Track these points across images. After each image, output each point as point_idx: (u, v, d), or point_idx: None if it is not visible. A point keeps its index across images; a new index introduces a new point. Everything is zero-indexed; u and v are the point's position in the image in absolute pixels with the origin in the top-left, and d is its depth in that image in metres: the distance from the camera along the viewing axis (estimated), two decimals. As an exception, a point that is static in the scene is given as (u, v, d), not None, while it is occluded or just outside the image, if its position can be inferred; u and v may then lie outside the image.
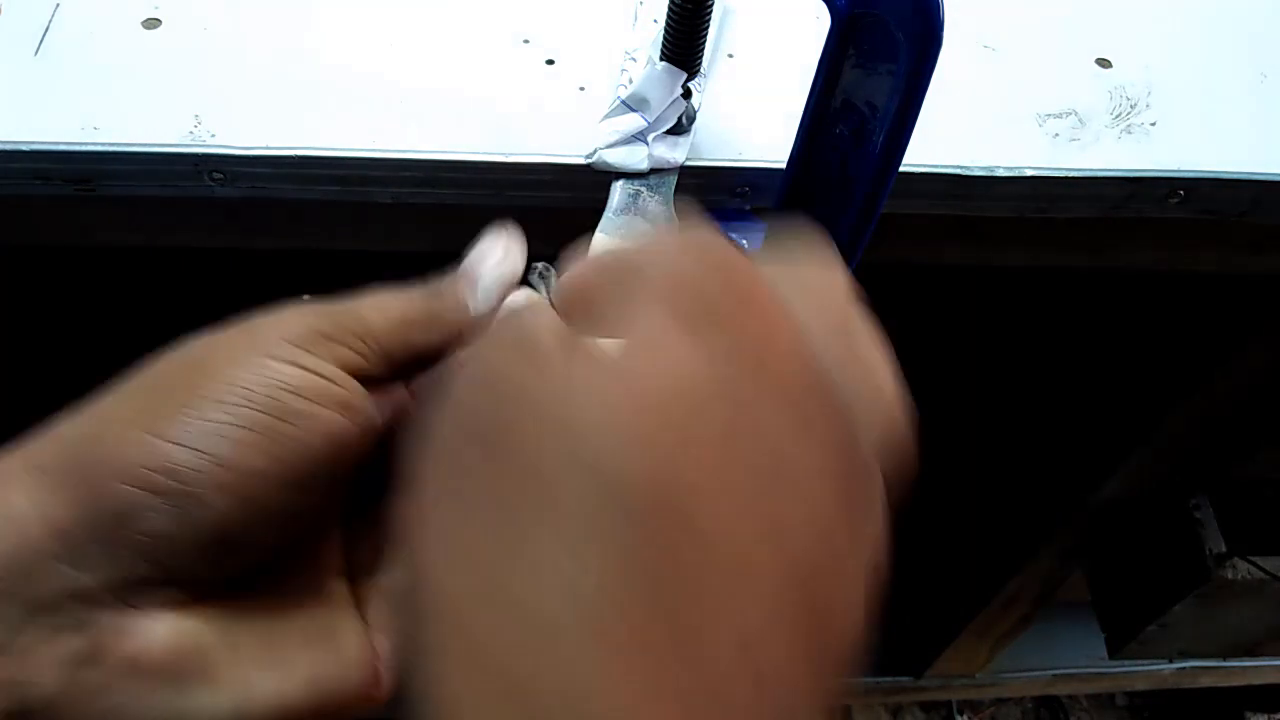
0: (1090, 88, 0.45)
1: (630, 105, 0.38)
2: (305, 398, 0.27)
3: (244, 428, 0.26)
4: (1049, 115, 0.43)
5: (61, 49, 0.40)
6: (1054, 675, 1.17)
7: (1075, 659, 1.15)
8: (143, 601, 0.25)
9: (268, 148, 0.38)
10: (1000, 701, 1.40)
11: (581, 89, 0.42)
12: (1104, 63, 0.46)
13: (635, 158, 0.39)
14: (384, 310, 0.29)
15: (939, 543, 1.04)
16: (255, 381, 0.26)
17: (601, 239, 0.37)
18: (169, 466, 0.25)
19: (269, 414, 0.26)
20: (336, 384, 0.27)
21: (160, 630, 0.25)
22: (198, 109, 0.39)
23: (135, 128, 0.38)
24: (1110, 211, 0.43)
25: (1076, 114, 0.43)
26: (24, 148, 0.37)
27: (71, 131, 0.37)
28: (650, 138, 0.39)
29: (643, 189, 0.39)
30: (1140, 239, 0.48)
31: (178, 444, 0.25)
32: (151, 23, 0.42)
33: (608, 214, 0.39)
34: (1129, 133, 0.43)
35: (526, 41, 0.43)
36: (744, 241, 0.41)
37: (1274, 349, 0.64)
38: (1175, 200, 0.43)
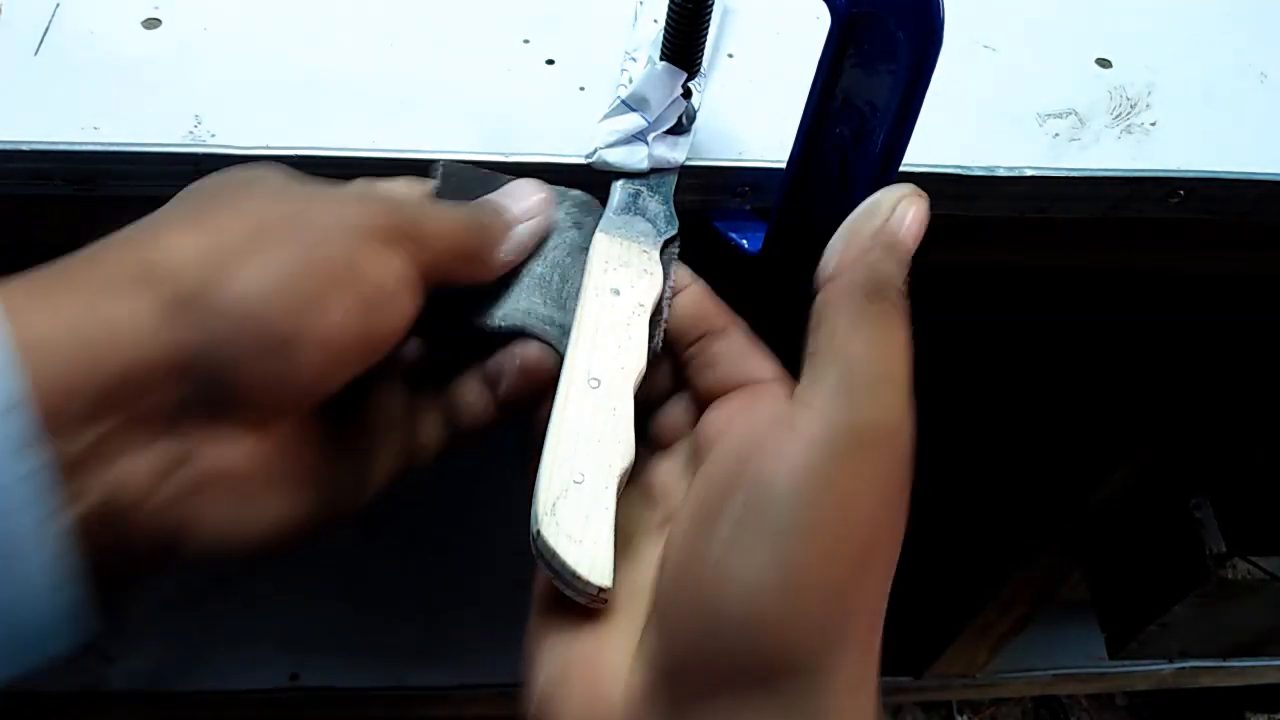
0: (1090, 88, 0.45)
1: (630, 105, 0.38)
2: (395, 280, 0.30)
3: (343, 300, 0.28)
4: (1049, 115, 0.43)
5: (61, 49, 0.40)
6: (1054, 675, 1.17)
7: (1075, 659, 1.15)
8: (228, 421, 0.28)
9: (268, 148, 0.38)
10: (1000, 701, 1.40)
11: (581, 89, 0.42)
12: (1104, 63, 0.46)
13: (635, 157, 0.39)
14: (444, 233, 0.32)
15: (939, 543, 1.04)
16: (353, 262, 0.29)
17: (601, 238, 0.37)
18: (284, 325, 0.27)
19: (362, 296, 0.29)
20: (401, 284, 0.30)
21: (241, 448, 0.28)
22: (198, 109, 0.39)
23: (135, 128, 0.38)
24: (1110, 211, 0.43)
25: (1076, 114, 0.43)
26: (24, 148, 0.37)
27: (71, 131, 0.38)
28: (650, 137, 0.39)
29: (643, 189, 0.39)
30: (1140, 239, 0.48)
31: (293, 305, 0.27)
32: (151, 23, 0.42)
33: (608, 213, 0.39)
34: (1129, 133, 0.43)
35: (526, 41, 0.43)
36: (744, 242, 0.41)
37: (1274, 349, 0.64)
38: (1175, 200, 0.43)
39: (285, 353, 0.27)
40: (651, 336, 0.35)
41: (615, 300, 0.35)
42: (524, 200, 0.36)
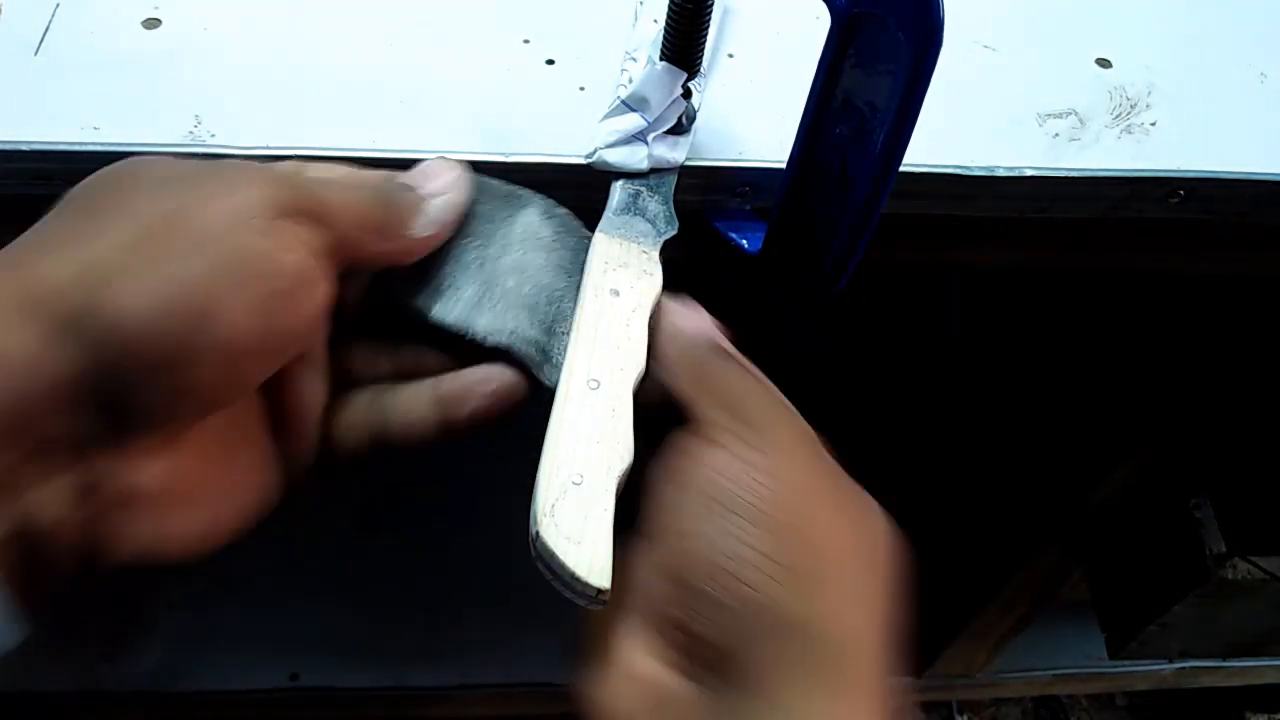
0: (1090, 88, 0.45)
1: (630, 105, 0.38)
2: (286, 279, 0.28)
3: (239, 302, 0.26)
4: (1049, 115, 0.43)
5: (61, 49, 0.40)
6: (1054, 675, 1.17)
7: (1075, 659, 1.15)
8: (135, 441, 0.27)
9: (268, 148, 0.38)
10: (1000, 701, 1.40)
11: (581, 89, 0.42)
12: (1104, 63, 0.46)
13: (635, 158, 0.39)
14: (347, 205, 0.30)
15: (939, 543, 1.04)
16: (246, 258, 0.27)
17: (601, 239, 0.37)
18: (176, 337, 0.26)
19: (260, 293, 0.27)
20: (307, 267, 0.28)
21: (153, 465, 0.27)
22: (198, 109, 0.39)
23: (135, 128, 0.38)
24: (1110, 211, 0.43)
25: (1076, 114, 0.43)
26: (24, 148, 0.37)
27: (71, 131, 0.37)
28: (650, 138, 0.39)
29: (643, 189, 0.39)
30: (1140, 239, 0.48)
31: (183, 313, 0.26)
32: (151, 23, 0.42)
33: (607, 214, 0.39)
34: (1129, 133, 0.43)
35: (526, 41, 0.43)
36: (744, 242, 0.41)
37: (1274, 349, 0.64)
38: (1175, 200, 0.43)
39: (181, 366, 0.26)
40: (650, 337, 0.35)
41: (615, 301, 0.35)
42: (437, 177, 0.34)
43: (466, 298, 0.35)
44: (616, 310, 0.35)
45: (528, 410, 0.35)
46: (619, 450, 0.32)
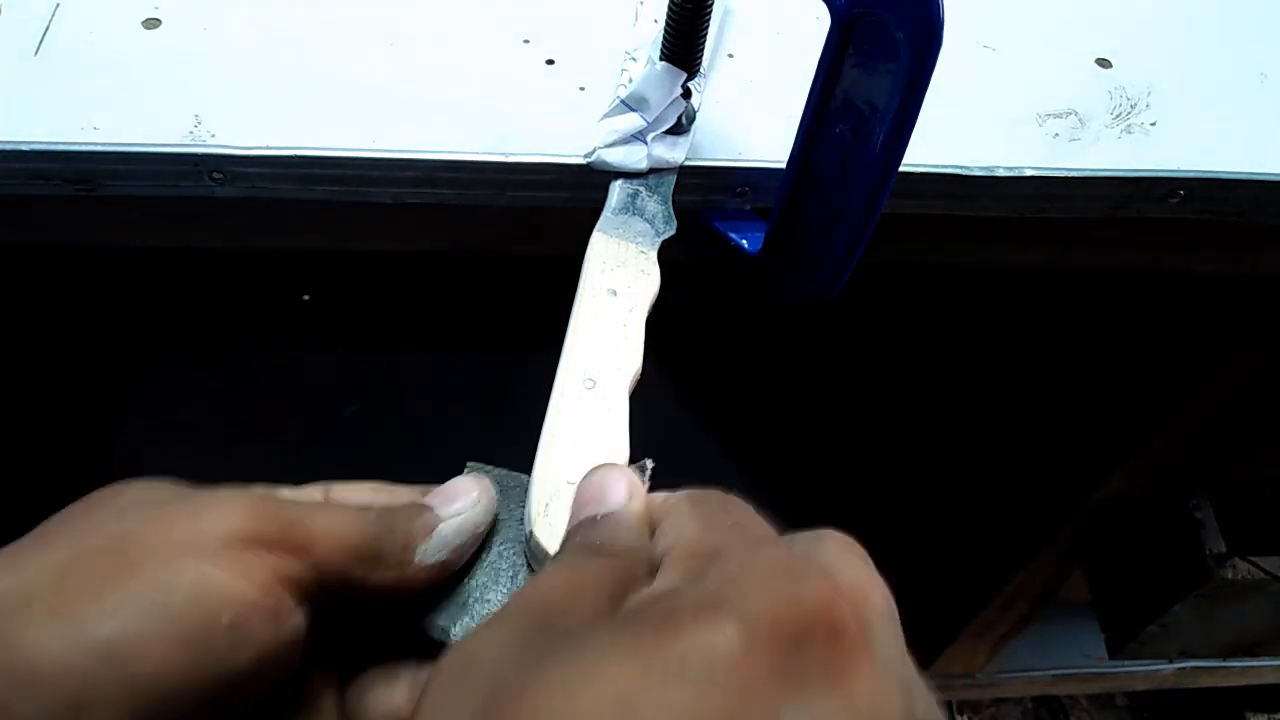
0: (1090, 88, 0.45)
1: (629, 105, 0.38)
2: (234, 612, 0.25)
3: (165, 639, 0.24)
4: (1049, 115, 0.43)
5: (61, 49, 0.40)
6: (1054, 675, 1.17)
7: (1075, 659, 1.15)
8: None
9: (268, 148, 0.38)
10: (1000, 701, 1.40)
11: (581, 89, 0.42)
12: (1104, 63, 0.46)
13: (634, 157, 0.39)
14: (332, 533, 0.28)
15: (939, 543, 1.04)
16: (185, 588, 0.24)
17: (599, 238, 0.37)
18: (67, 671, 0.23)
19: (199, 629, 0.24)
20: (269, 598, 0.26)
21: None
22: (198, 109, 0.39)
23: (135, 128, 0.38)
24: (1110, 211, 0.43)
25: (1076, 114, 0.43)
26: (24, 148, 0.37)
27: (71, 131, 0.37)
28: (649, 137, 0.39)
29: (641, 188, 0.39)
30: (1140, 239, 0.48)
31: (83, 647, 0.23)
32: (151, 23, 0.42)
33: (606, 213, 0.39)
34: (1129, 133, 0.43)
35: (526, 41, 0.43)
36: (744, 242, 0.41)
37: (1274, 349, 0.64)
38: (1175, 200, 0.43)
39: (85, 707, 0.23)
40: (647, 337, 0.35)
41: (612, 301, 0.35)
42: (456, 499, 0.31)
43: (480, 600, 0.31)
44: (613, 310, 0.35)
45: (526, 410, 0.35)
46: (614, 450, 0.32)
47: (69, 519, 0.26)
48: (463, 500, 0.31)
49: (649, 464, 0.30)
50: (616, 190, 0.39)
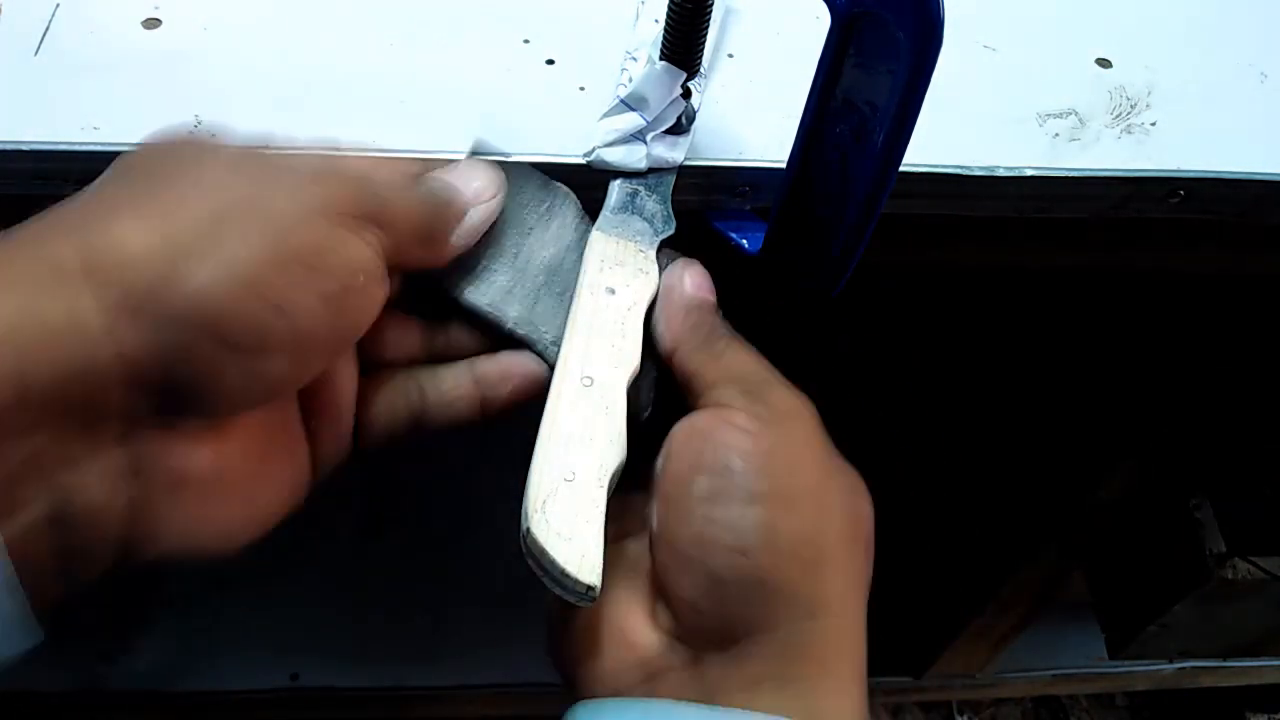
0: (1090, 88, 0.45)
1: (629, 104, 0.38)
2: (366, 274, 0.28)
3: (318, 296, 0.26)
4: (1049, 115, 0.43)
5: (61, 49, 0.40)
6: (1054, 675, 1.17)
7: (1075, 659, 1.15)
8: (188, 426, 0.26)
9: (268, 148, 0.38)
10: (1000, 701, 1.40)
11: (581, 89, 0.42)
12: (1104, 63, 0.46)
13: (634, 157, 0.39)
14: (407, 213, 0.31)
15: (939, 543, 1.04)
16: (331, 249, 0.27)
17: (598, 237, 0.37)
18: (250, 327, 0.25)
19: (340, 288, 0.27)
20: (382, 266, 0.29)
21: (201, 453, 0.26)
22: (198, 109, 0.39)
23: (135, 128, 0.38)
24: (1110, 211, 0.43)
25: (1076, 114, 0.43)
26: (24, 148, 0.37)
27: (71, 131, 0.37)
28: (649, 137, 0.39)
29: (641, 188, 0.39)
30: (1140, 239, 0.48)
31: (258, 303, 0.25)
32: (151, 23, 0.42)
33: (605, 212, 0.39)
34: (1129, 133, 0.43)
35: (526, 41, 0.43)
36: (744, 242, 0.41)
37: (1274, 349, 0.64)
38: (1175, 200, 0.43)
39: (252, 357, 0.25)
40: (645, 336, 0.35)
41: (610, 299, 0.35)
42: (475, 181, 0.34)
43: (499, 284, 0.35)
44: (612, 308, 0.35)
45: (525, 408, 0.35)
46: (612, 448, 0.32)
47: (176, 165, 0.28)
48: (480, 181, 0.34)
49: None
50: (616, 189, 0.39)
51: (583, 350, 0.34)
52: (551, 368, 0.34)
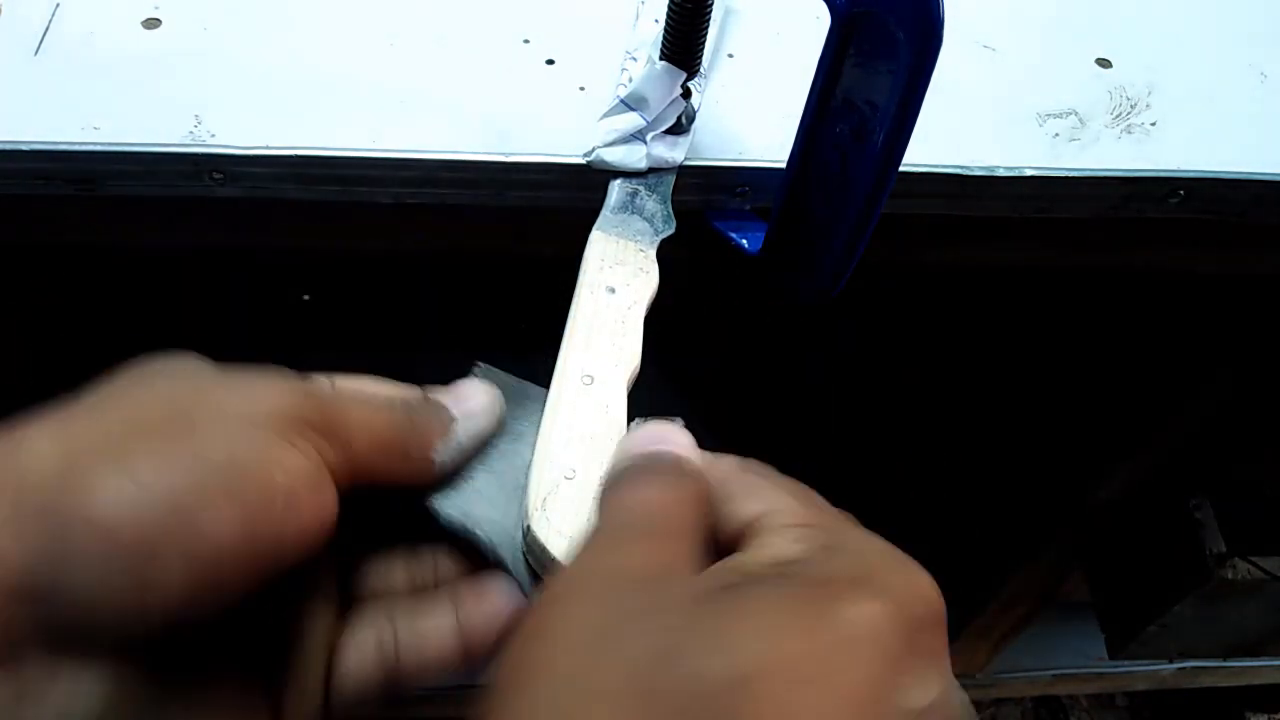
0: (1090, 88, 0.45)
1: (629, 104, 0.38)
2: (290, 482, 0.25)
3: (228, 500, 0.24)
4: (1049, 115, 0.43)
5: (61, 49, 0.40)
6: (1054, 675, 1.17)
7: (1075, 659, 1.15)
8: (73, 651, 0.23)
9: (268, 148, 0.38)
10: (1000, 701, 1.40)
11: (581, 89, 0.42)
12: (1104, 63, 0.46)
13: (633, 157, 0.39)
14: (367, 426, 0.28)
15: (939, 543, 1.04)
16: (247, 453, 0.25)
17: (598, 236, 0.37)
18: (142, 537, 0.23)
19: (256, 493, 0.24)
20: (318, 475, 0.26)
21: (85, 685, 0.24)
22: (198, 109, 0.39)
23: (135, 128, 0.38)
24: (1110, 211, 0.43)
25: (1076, 114, 0.43)
26: (24, 148, 0.37)
27: (72, 131, 0.37)
28: (649, 137, 0.39)
29: (640, 187, 0.39)
30: (1140, 239, 0.48)
31: (151, 501, 0.23)
32: (151, 23, 0.42)
33: (605, 212, 0.39)
34: (1129, 133, 0.43)
35: (526, 41, 0.43)
36: (744, 242, 0.41)
37: (1274, 349, 0.64)
38: (1175, 200, 0.43)
39: (142, 570, 0.23)
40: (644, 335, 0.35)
41: (610, 298, 0.35)
42: (467, 400, 0.32)
43: (474, 491, 0.32)
44: (612, 307, 0.35)
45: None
46: (612, 446, 0.32)
47: (119, 387, 0.26)
48: (474, 402, 0.32)
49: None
50: (616, 189, 0.39)
51: (583, 349, 0.34)
52: (527, 595, 0.31)
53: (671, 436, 0.29)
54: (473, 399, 0.32)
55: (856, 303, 0.45)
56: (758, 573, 0.24)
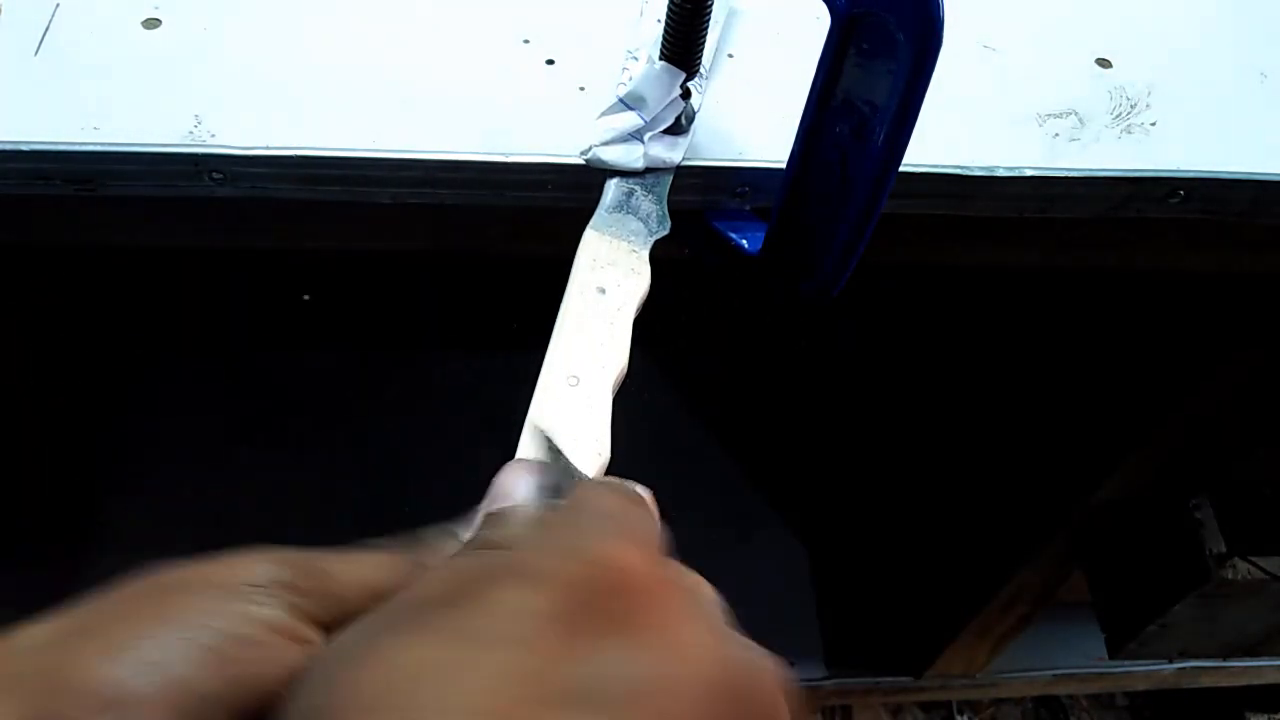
0: (1090, 88, 0.45)
1: (627, 103, 0.38)
2: (265, 631, 0.27)
3: (201, 650, 0.26)
4: (1049, 115, 0.43)
5: (61, 49, 0.40)
6: (1054, 675, 1.17)
7: (1075, 659, 1.15)
8: None
9: (268, 148, 0.38)
10: (1000, 701, 1.40)
11: (581, 89, 0.42)
12: (1104, 63, 0.46)
13: (630, 156, 0.39)
14: (356, 578, 0.29)
15: (939, 543, 1.04)
16: (214, 610, 0.26)
17: (591, 236, 0.37)
18: (119, 685, 0.24)
19: (228, 639, 0.26)
20: (295, 624, 0.27)
21: None
22: (198, 109, 0.39)
23: (135, 128, 0.38)
24: (1110, 211, 0.43)
25: (1076, 114, 0.43)
26: (24, 148, 0.37)
27: (71, 131, 0.37)
28: (646, 137, 0.39)
29: (637, 187, 0.39)
30: (1140, 239, 0.48)
31: (131, 664, 0.25)
32: (151, 23, 0.42)
33: (600, 211, 0.39)
34: (1129, 133, 0.43)
35: (526, 41, 0.43)
36: (744, 242, 0.41)
37: (1273, 349, 0.64)
38: (1175, 200, 0.43)
39: (106, 708, 0.24)
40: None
41: (600, 299, 0.35)
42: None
43: None
44: (601, 308, 0.35)
45: (525, 408, 0.35)
46: (595, 447, 0.32)
47: (108, 590, 0.28)
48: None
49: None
50: (612, 188, 0.39)
51: (569, 349, 0.34)
52: None
53: (509, 489, 0.30)
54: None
55: (856, 303, 0.45)
56: (410, 598, 0.25)
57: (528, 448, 0.31)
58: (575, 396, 0.33)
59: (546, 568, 0.23)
